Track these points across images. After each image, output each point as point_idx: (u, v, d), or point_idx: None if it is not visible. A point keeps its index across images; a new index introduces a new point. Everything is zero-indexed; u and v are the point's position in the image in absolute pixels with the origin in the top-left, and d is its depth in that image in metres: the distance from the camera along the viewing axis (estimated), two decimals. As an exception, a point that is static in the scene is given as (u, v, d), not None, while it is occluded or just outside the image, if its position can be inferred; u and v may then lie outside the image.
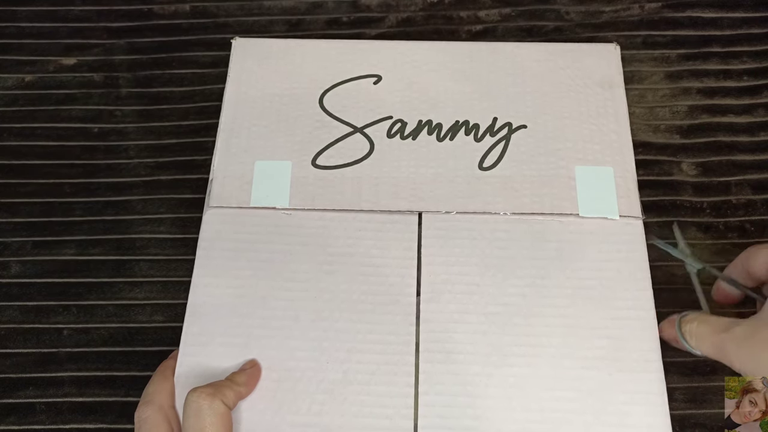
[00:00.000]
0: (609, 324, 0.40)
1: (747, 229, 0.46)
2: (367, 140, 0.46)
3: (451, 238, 0.43)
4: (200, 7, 0.55)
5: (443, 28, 0.53)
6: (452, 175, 0.45)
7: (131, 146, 0.49)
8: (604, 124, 0.46)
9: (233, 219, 0.43)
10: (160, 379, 0.38)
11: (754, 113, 0.50)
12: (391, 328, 0.40)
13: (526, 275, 0.42)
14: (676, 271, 0.44)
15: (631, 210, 0.43)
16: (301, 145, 0.46)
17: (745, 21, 0.53)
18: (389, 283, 0.41)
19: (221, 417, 0.35)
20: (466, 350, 0.40)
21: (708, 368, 0.42)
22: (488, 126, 0.46)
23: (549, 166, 0.45)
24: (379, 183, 0.44)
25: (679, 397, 0.41)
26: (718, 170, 0.48)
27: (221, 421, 0.35)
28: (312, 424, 0.38)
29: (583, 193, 0.44)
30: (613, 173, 0.44)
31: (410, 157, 0.45)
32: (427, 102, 0.47)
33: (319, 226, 0.43)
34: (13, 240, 0.46)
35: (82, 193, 0.48)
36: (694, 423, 0.40)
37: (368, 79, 0.48)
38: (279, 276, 0.42)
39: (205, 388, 0.36)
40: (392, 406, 0.38)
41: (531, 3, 0.54)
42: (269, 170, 0.45)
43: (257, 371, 0.39)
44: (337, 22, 0.54)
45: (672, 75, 0.51)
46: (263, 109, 0.47)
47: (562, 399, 0.38)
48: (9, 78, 0.52)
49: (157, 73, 0.52)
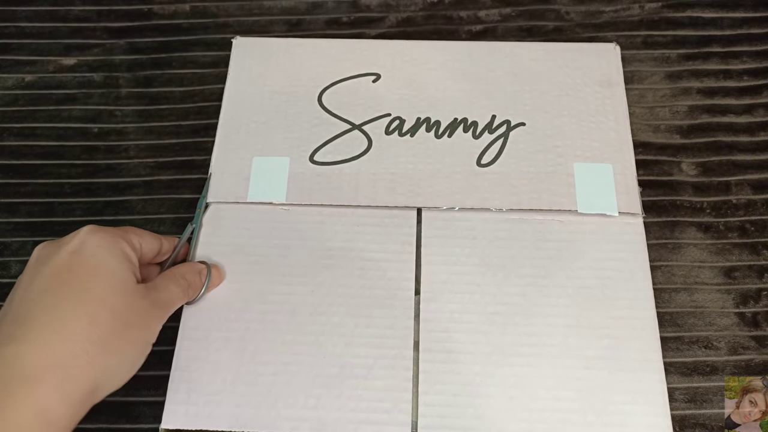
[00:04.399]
0: (609, 323, 0.40)
1: (747, 229, 0.46)
2: (365, 137, 0.46)
3: (451, 237, 0.43)
4: (200, 7, 0.55)
5: (443, 28, 0.53)
6: (450, 171, 0.45)
7: (131, 146, 0.49)
8: (603, 122, 0.46)
9: (231, 214, 0.44)
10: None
11: (754, 113, 0.49)
12: (389, 322, 0.40)
13: (526, 275, 0.42)
14: (676, 271, 0.44)
15: (630, 207, 0.43)
16: (300, 142, 0.46)
17: (745, 21, 0.53)
18: (387, 277, 0.41)
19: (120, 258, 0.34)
20: (467, 350, 0.39)
21: (708, 368, 0.42)
22: (487, 123, 0.46)
23: (547, 163, 0.45)
24: (377, 179, 0.44)
25: (679, 397, 0.41)
26: (718, 170, 0.48)
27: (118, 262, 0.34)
28: (308, 419, 0.38)
29: (582, 189, 0.44)
30: (612, 170, 0.44)
31: (408, 153, 0.45)
32: (425, 100, 0.47)
33: (317, 221, 0.43)
34: (13, 240, 0.46)
35: (82, 193, 0.48)
36: (694, 423, 0.40)
37: (367, 77, 0.48)
38: (276, 270, 0.42)
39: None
40: (390, 400, 0.38)
41: (531, 3, 0.54)
42: (267, 166, 0.45)
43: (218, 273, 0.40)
44: (337, 22, 0.54)
45: (672, 75, 0.51)
46: (262, 106, 0.47)
47: (562, 399, 0.38)
48: (9, 78, 0.52)
49: (157, 73, 0.52)
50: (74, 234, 0.35)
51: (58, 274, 0.32)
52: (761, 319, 0.43)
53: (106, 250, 0.34)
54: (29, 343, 0.30)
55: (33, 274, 0.33)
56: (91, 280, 0.32)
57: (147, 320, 0.35)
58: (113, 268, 0.34)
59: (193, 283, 0.39)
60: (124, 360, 0.34)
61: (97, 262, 0.33)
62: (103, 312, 0.32)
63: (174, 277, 0.38)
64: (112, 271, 0.33)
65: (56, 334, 0.31)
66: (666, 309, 0.43)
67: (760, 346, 0.42)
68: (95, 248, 0.34)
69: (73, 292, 0.32)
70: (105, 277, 0.33)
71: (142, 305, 0.34)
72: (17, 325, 0.31)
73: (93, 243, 0.34)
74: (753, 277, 0.44)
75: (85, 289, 0.32)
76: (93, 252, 0.33)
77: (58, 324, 0.31)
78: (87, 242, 0.34)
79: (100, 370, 0.32)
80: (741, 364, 0.42)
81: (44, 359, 0.30)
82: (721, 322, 0.43)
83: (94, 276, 0.33)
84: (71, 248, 0.33)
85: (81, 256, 0.33)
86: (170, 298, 0.37)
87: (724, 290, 0.44)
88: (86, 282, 0.32)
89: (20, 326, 0.31)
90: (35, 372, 0.30)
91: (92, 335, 0.31)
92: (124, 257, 0.35)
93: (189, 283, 0.38)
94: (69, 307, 0.31)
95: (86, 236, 0.34)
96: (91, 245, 0.34)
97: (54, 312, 0.31)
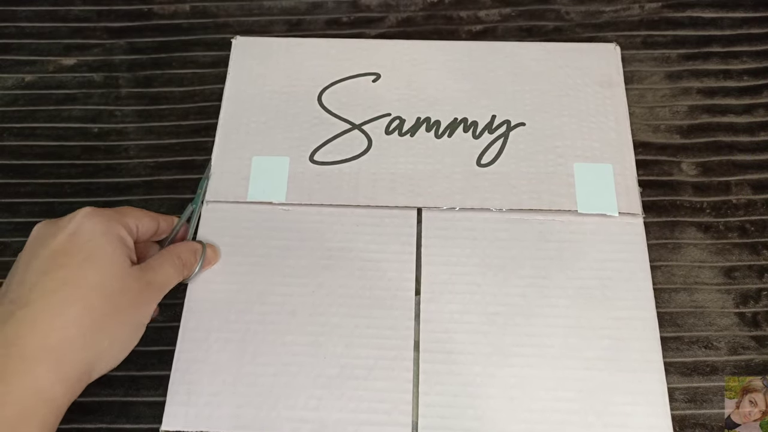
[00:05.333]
0: (610, 324, 0.40)
1: (747, 229, 0.46)
2: (365, 137, 0.46)
3: (451, 238, 0.43)
4: (200, 7, 0.55)
5: (443, 28, 0.53)
6: (450, 171, 0.45)
7: (131, 146, 0.49)
8: (603, 122, 0.46)
9: (231, 215, 0.44)
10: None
11: (754, 113, 0.49)
12: (390, 323, 0.40)
13: (526, 275, 0.42)
14: (676, 271, 0.44)
15: (630, 207, 0.43)
16: (299, 142, 0.46)
17: (745, 21, 0.53)
18: (388, 278, 0.41)
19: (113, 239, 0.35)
20: (467, 350, 0.40)
21: (708, 368, 0.42)
22: (487, 123, 0.46)
23: (547, 164, 0.45)
24: (376, 179, 0.44)
25: (679, 397, 0.41)
26: (718, 170, 0.48)
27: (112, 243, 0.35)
28: (309, 420, 0.38)
29: (582, 189, 0.44)
30: (612, 170, 0.44)
31: (408, 153, 0.45)
32: (425, 100, 0.47)
33: (317, 221, 0.43)
34: (13, 240, 0.46)
35: (82, 193, 0.48)
36: (694, 423, 0.40)
37: (367, 77, 0.48)
38: (276, 271, 0.42)
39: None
40: (390, 401, 0.38)
41: (531, 3, 0.54)
42: (267, 165, 0.45)
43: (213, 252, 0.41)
44: (337, 22, 0.54)
45: (672, 75, 0.51)
46: (262, 105, 0.47)
47: (563, 399, 0.38)
48: (9, 78, 0.52)
49: (157, 73, 0.52)
50: (72, 216, 0.36)
51: (55, 257, 0.34)
52: (761, 319, 0.43)
53: (102, 235, 0.35)
54: (29, 325, 0.32)
55: (31, 256, 0.34)
56: (87, 265, 0.34)
57: (140, 303, 0.36)
58: (108, 252, 0.35)
59: (188, 262, 0.40)
60: (118, 342, 0.35)
61: (93, 246, 0.34)
62: (98, 297, 0.33)
63: (170, 256, 0.39)
64: (108, 256, 0.35)
65: (55, 319, 0.32)
66: (666, 309, 0.43)
67: (760, 346, 0.42)
68: (91, 233, 0.35)
69: (70, 276, 0.33)
70: (100, 262, 0.34)
71: (137, 287, 0.35)
72: (17, 305, 0.32)
73: (89, 227, 0.35)
74: (753, 277, 0.44)
75: (82, 276, 0.33)
76: (89, 237, 0.35)
77: (56, 309, 0.32)
78: (83, 226, 0.35)
79: (94, 353, 0.33)
80: (741, 364, 0.42)
81: (42, 341, 0.32)
82: (721, 322, 0.43)
83: (89, 261, 0.34)
84: (69, 231, 0.35)
85: (77, 240, 0.34)
86: (165, 280, 0.38)
87: (724, 290, 0.44)
88: (82, 267, 0.34)
89: (21, 307, 0.32)
90: (34, 353, 0.31)
91: (87, 320, 0.33)
92: (119, 241, 0.36)
93: (184, 263, 0.39)
94: (66, 293, 0.33)
95: (83, 219, 0.35)
96: (87, 229, 0.35)
97: (52, 297, 0.33)
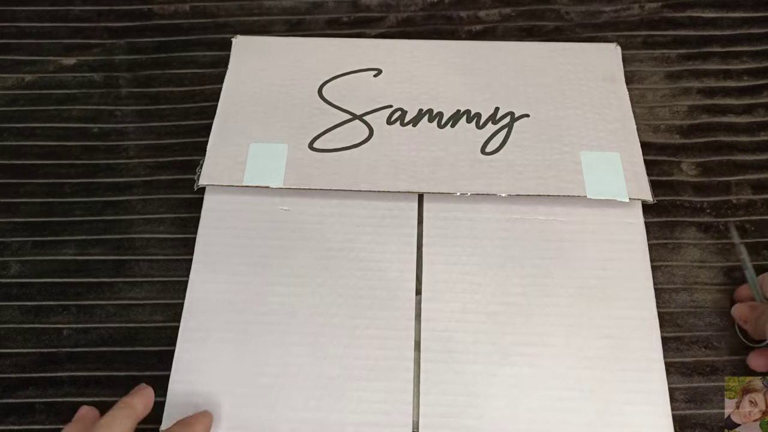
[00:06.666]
0: (611, 323, 0.40)
1: (747, 229, 0.46)
2: (366, 126, 0.45)
3: (452, 236, 0.43)
4: (200, 7, 0.55)
5: (443, 28, 0.53)
6: (454, 158, 0.44)
7: (131, 146, 0.49)
8: (608, 114, 0.46)
9: (231, 215, 0.43)
10: None
11: (754, 113, 0.50)
12: (390, 323, 0.40)
13: (527, 274, 0.41)
14: (676, 271, 0.44)
15: (641, 193, 0.43)
16: (299, 131, 0.45)
17: (745, 21, 0.53)
18: (388, 278, 0.41)
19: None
20: (468, 349, 0.39)
21: (708, 368, 0.42)
22: (490, 114, 0.46)
23: (553, 152, 0.44)
24: (378, 165, 0.44)
25: (680, 397, 0.41)
26: (718, 170, 0.48)
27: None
28: (309, 420, 0.38)
29: (590, 176, 0.43)
30: (620, 158, 0.44)
31: (411, 141, 0.45)
32: (427, 93, 0.47)
33: (317, 221, 0.43)
34: (13, 240, 0.46)
35: (82, 193, 0.48)
36: (694, 423, 0.40)
37: (368, 72, 0.48)
38: (276, 271, 0.42)
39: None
40: (391, 401, 0.38)
41: (531, 3, 0.54)
42: (264, 152, 0.45)
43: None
44: (338, 22, 0.54)
45: (672, 75, 0.51)
46: (261, 97, 0.47)
47: (563, 398, 0.38)
48: (9, 78, 0.52)
49: (157, 73, 0.52)
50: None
51: None
52: (761, 318, 0.43)
53: None
54: None
55: None
56: None
57: None
58: None
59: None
60: None
61: None
62: None
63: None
64: None
65: None
66: (666, 309, 0.43)
67: (761, 346, 0.42)
68: None
69: None
70: None
71: None
72: None
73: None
74: (753, 277, 0.44)
75: None
76: None
77: None
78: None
79: None
80: (741, 364, 0.42)
81: None
82: (721, 322, 0.43)
83: None
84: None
85: None
86: None
87: (724, 290, 0.44)
88: None
89: None
90: None
91: None
92: None
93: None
94: None
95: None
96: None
97: None
